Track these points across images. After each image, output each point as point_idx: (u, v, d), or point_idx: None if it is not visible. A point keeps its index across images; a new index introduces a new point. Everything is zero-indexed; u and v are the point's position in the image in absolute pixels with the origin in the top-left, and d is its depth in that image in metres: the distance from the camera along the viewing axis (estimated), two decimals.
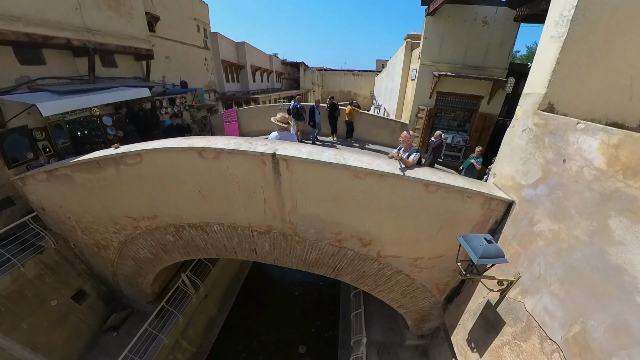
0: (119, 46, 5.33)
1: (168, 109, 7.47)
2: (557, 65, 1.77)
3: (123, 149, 2.37)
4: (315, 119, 5.31)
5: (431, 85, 5.41)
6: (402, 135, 2.30)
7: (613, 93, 1.83)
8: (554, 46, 1.78)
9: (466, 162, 4.25)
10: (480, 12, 4.99)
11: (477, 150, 4.16)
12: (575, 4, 1.62)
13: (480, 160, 4.08)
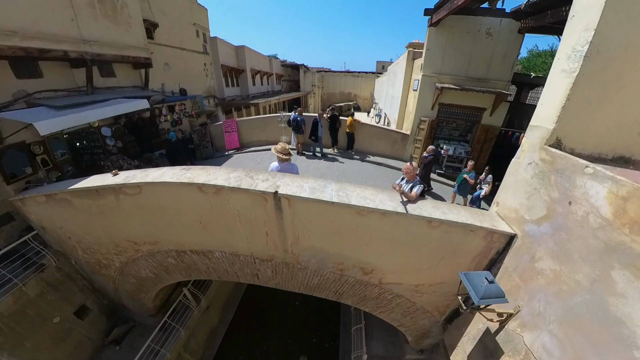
0: (117, 56, 5.25)
1: (167, 116, 7.42)
2: (567, 101, 1.74)
3: (122, 177, 2.34)
4: (318, 133, 5.24)
5: (433, 97, 5.36)
6: (405, 167, 2.27)
7: (622, 128, 1.81)
8: (565, 81, 1.74)
9: (459, 177, 4.18)
10: (484, 23, 4.90)
11: (470, 165, 4.11)
12: (590, 40, 1.58)
13: (473, 175, 4.03)
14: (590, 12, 1.60)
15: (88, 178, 2.62)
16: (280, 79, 19.13)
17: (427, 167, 4.46)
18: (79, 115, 3.77)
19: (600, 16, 1.53)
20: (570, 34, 1.76)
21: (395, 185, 2.21)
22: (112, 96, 5.13)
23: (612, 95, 1.70)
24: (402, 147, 6.04)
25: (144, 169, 2.42)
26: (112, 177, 2.43)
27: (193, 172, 2.11)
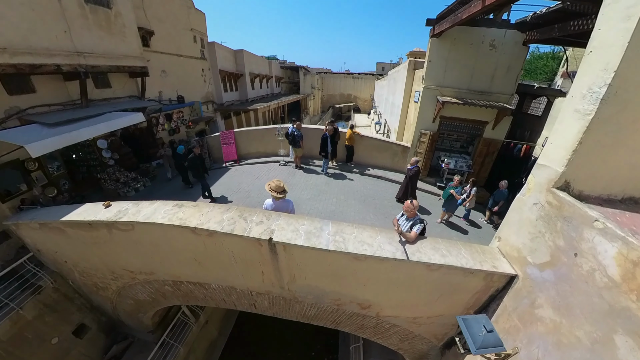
0: (112, 66, 5.15)
1: (165, 125, 7.32)
2: (579, 145, 1.64)
3: (114, 211, 2.29)
4: (327, 148, 5.07)
5: (435, 110, 5.25)
6: (405, 205, 2.20)
7: (634, 170, 1.72)
8: (578, 123, 1.64)
9: (445, 192, 4.14)
10: (488, 35, 4.76)
11: (456, 180, 4.07)
12: (609, 82, 1.47)
13: (460, 190, 4.02)
14: (611, 50, 1.47)
15: (81, 207, 2.56)
16: (280, 81, 18.89)
17: (413, 179, 4.41)
18: (71, 134, 3.69)
19: (622, 57, 1.40)
20: (586, 71, 1.64)
21: (395, 222, 2.14)
22: (107, 109, 5.04)
23: (627, 139, 1.61)
24: (402, 159, 5.94)
25: (136, 202, 2.35)
26: (104, 209, 2.37)
27: (186, 211, 2.05)
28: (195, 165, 4.32)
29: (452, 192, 3.98)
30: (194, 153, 4.40)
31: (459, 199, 3.98)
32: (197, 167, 4.34)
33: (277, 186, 2.25)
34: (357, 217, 3.94)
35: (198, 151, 4.48)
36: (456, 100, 4.82)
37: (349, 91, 29.05)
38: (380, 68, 34.15)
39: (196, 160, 4.33)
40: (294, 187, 4.71)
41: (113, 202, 2.45)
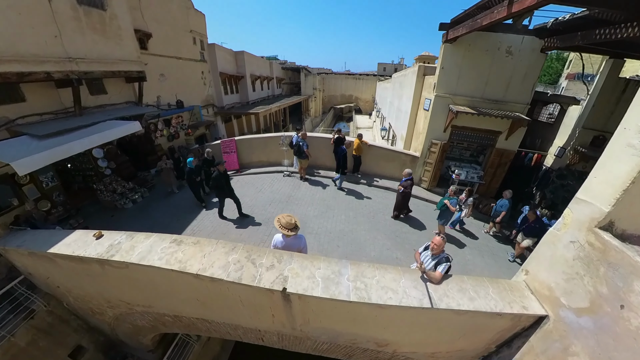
0: (107, 72, 4.88)
1: (164, 131, 7.07)
2: (631, 184, 1.46)
3: (105, 244, 2.07)
4: (347, 164, 4.78)
5: (446, 119, 5.03)
6: (434, 241, 1.98)
7: None
8: (632, 160, 1.45)
9: (439, 203, 3.86)
10: (504, 41, 4.52)
11: (450, 190, 3.82)
12: None
13: (455, 201, 3.74)
14: None
15: (71, 235, 2.34)
16: (281, 82, 18.56)
17: (406, 195, 4.21)
18: (62, 148, 3.45)
19: None
20: None
21: (417, 258, 1.94)
22: (102, 117, 4.79)
23: None
24: (411, 169, 5.74)
25: (130, 234, 2.13)
26: (95, 240, 2.15)
27: (185, 250, 1.83)
28: (220, 185, 3.64)
29: (447, 202, 3.70)
30: (218, 170, 3.62)
31: (453, 211, 3.70)
32: (222, 187, 3.68)
33: (288, 223, 1.95)
34: (367, 237, 3.74)
35: (223, 168, 3.71)
36: (470, 110, 4.59)
37: (350, 92, 28.69)
38: (382, 69, 33.79)
39: (221, 180, 3.61)
40: (299, 202, 4.49)
41: (105, 232, 2.23)
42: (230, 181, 5.47)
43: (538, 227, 3.59)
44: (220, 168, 3.75)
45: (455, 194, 3.81)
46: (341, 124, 27.46)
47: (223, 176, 3.75)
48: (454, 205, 3.68)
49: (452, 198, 3.75)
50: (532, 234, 3.67)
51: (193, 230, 3.86)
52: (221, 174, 3.72)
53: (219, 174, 3.69)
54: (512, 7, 2.74)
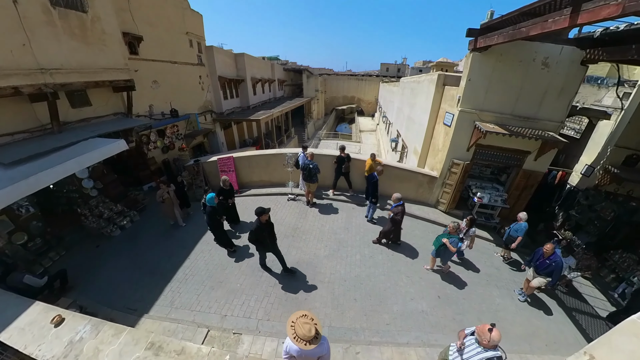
0: (89, 82, 4.30)
1: (157, 142, 6.51)
2: None
3: (64, 338, 1.54)
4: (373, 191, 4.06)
5: (471, 137, 4.49)
6: (492, 335, 1.46)
7: None
8: None
9: (437, 241, 3.24)
10: (540, 51, 3.98)
11: (450, 227, 3.16)
12: None
13: (456, 240, 3.11)
14: None
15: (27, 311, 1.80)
16: (283, 84, 17.97)
17: (397, 220, 3.70)
18: (27, 182, 2.88)
19: None
20: None
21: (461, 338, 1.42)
22: (84, 134, 4.22)
23: None
24: (427, 190, 5.21)
25: (97, 324, 1.60)
26: (53, 328, 1.62)
27: None
28: (262, 239, 2.82)
29: (445, 241, 3.12)
30: (260, 221, 2.77)
31: (453, 251, 3.12)
32: (264, 241, 2.87)
33: (307, 335, 1.34)
34: (388, 283, 3.20)
35: (266, 218, 2.83)
36: (501, 130, 4.04)
37: (352, 93, 28.07)
38: (385, 69, 33.12)
39: (263, 232, 2.78)
40: (307, 236, 3.92)
41: (67, 315, 1.70)
42: None
43: (554, 265, 3.00)
44: (263, 218, 2.83)
45: (456, 231, 3.19)
46: (343, 126, 26.90)
47: (265, 227, 2.85)
48: (454, 245, 3.09)
49: (452, 236, 3.14)
50: (546, 271, 3.07)
51: (185, 274, 3.34)
52: (263, 226, 2.81)
53: (260, 225, 2.78)
54: (579, 17, 2.18)
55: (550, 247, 3.07)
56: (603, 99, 7.08)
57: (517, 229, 3.74)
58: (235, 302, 2.85)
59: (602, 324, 3.24)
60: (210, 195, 3.48)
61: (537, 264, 3.16)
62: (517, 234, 3.71)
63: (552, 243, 3.14)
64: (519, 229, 3.72)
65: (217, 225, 3.57)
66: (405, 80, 9.64)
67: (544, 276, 3.12)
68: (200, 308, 2.81)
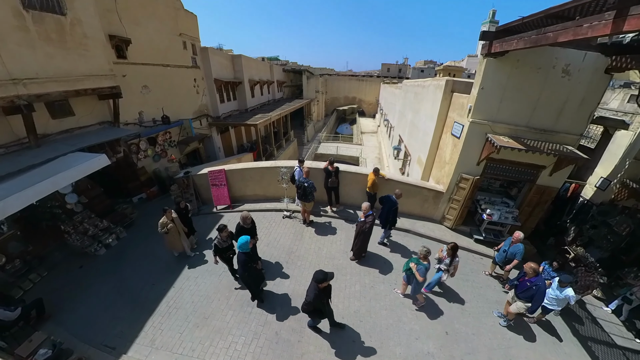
0: (68, 92, 3.99)
1: (148, 151, 6.21)
2: None
3: None
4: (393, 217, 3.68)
5: (483, 151, 4.14)
6: None
7: None
8: None
9: (406, 265, 2.92)
10: (561, 57, 3.60)
11: (420, 253, 2.78)
12: None
13: (423, 270, 2.74)
14: None
15: None
16: (282, 85, 17.57)
17: (367, 233, 3.36)
18: None
19: None
20: None
21: None
22: (65, 147, 3.93)
23: None
24: (432, 205, 4.87)
25: None
26: None
27: None
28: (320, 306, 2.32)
29: (413, 266, 2.76)
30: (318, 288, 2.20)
31: (420, 280, 2.76)
32: (322, 309, 2.37)
33: None
34: (390, 320, 2.82)
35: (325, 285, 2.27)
36: (517, 144, 3.69)
37: (353, 94, 27.63)
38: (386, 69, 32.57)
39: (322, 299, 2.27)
40: (302, 262, 3.57)
41: None
42: (219, 220, 4.38)
43: (534, 290, 2.62)
44: (323, 285, 2.24)
45: (426, 257, 2.79)
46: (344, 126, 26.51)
47: (324, 294, 2.30)
48: (422, 274, 2.73)
49: (422, 263, 2.77)
50: (525, 295, 2.69)
51: (169, 306, 3.04)
52: (321, 292, 2.25)
53: (319, 292, 2.22)
54: (625, 24, 1.80)
55: (532, 267, 2.68)
56: (610, 102, 6.65)
57: (514, 252, 3.33)
58: (221, 345, 2.56)
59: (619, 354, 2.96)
60: (243, 239, 2.62)
61: (517, 284, 2.80)
62: (513, 257, 3.32)
63: (536, 264, 2.75)
64: (517, 252, 3.31)
65: (256, 276, 2.81)
66: (409, 83, 9.24)
67: (523, 301, 2.75)
68: (182, 350, 2.54)
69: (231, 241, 3.04)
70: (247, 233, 2.92)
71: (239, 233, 2.97)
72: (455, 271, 2.98)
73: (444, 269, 2.98)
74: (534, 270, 2.69)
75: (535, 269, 2.69)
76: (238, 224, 3.12)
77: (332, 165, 4.25)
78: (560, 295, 2.87)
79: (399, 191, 3.92)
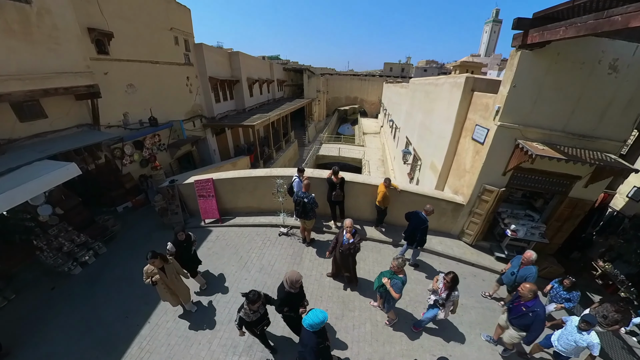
0: (35, 91, 3.47)
1: (134, 155, 5.71)
2: None
3: None
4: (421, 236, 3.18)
5: (511, 159, 3.60)
6: None
7: None
8: None
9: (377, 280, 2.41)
10: (609, 51, 3.03)
11: (394, 264, 2.29)
12: None
13: (399, 284, 2.23)
14: None
15: None
16: (282, 84, 17.03)
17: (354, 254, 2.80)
18: None
19: None
20: None
21: None
22: (33, 154, 3.43)
23: None
24: (451, 219, 4.33)
25: None
26: None
27: None
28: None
29: (385, 281, 2.24)
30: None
31: (396, 297, 2.26)
32: None
33: None
34: None
35: None
36: (556, 154, 3.12)
37: (355, 94, 27.02)
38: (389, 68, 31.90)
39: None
40: None
41: None
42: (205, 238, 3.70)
43: (531, 316, 2.11)
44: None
45: (401, 269, 2.25)
46: (346, 126, 25.95)
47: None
48: (397, 290, 2.21)
49: (395, 277, 2.25)
50: (520, 322, 2.18)
51: (141, 348, 2.55)
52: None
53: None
54: None
55: (529, 287, 2.11)
56: None
57: (525, 276, 2.67)
58: None
59: None
60: (316, 317, 1.76)
61: (512, 307, 2.23)
62: (521, 280, 2.66)
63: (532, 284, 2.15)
64: (529, 276, 2.64)
65: None
66: (417, 82, 8.66)
67: (517, 328, 2.21)
68: None
69: (265, 309, 2.13)
70: (295, 298, 2.07)
71: (285, 300, 2.06)
72: (455, 307, 2.37)
73: (440, 305, 2.34)
74: (530, 292, 2.09)
75: (532, 290, 2.09)
76: (282, 288, 2.07)
77: (337, 176, 3.67)
78: (580, 341, 2.09)
79: (430, 207, 3.31)
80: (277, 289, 2.14)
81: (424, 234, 3.27)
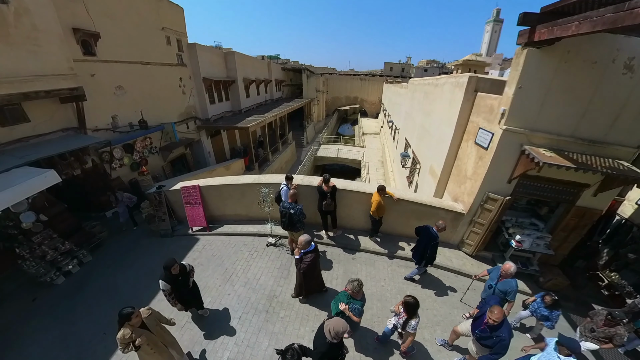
0: (13, 95, 3.34)
1: (124, 159, 5.57)
2: None
3: None
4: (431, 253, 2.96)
5: (516, 166, 3.36)
6: None
7: None
8: None
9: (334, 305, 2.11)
10: (624, 49, 2.77)
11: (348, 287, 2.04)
12: None
13: (359, 308, 2.00)
14: None
15: None
16: (281, 84, 16.84)
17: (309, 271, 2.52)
18: None
19: None
20: None
21: None
22: (12, 160, 3.29)
23: None
24: (449, 228, 4.10)
25: None
26: None
27: None
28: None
29: (344, 308, 1.99)
30: None
31: (357, 320, 2.03)
32: None
33: None
34: None
35: None
36: (566, 162, 2.88)
37: (355, 94, 26.72)
38: (389, 68, 31.51)
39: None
40: (288, 313, 2.69)
41: None
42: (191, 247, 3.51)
43: (495, 340, 1.89)
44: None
45: (359, 292, 1.99)
46: (346, 126, 25.69)
47: None
48: (357, 315, 2.00)
49: (353, 301, 2.02)
50: (485, 342, 1.94)
51: None
52: None
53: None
54: None
55: (497, 315, 1.85)
56: None
57: (504, 290, 2.39)
58: None
59: None
60: None
61: (479, 328, 2.00)
62: (503, 294, 2.39)
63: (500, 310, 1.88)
64: (510, 291, 2.38)
65: None
66: (416, 82, 8.39)
67: (482, 347, 1.99)
68: None
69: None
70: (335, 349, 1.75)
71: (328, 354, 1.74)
72: (407, 343, 2.06)
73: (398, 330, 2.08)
74: (497, 315, 1.84)
75: (499, 316, 1.84)
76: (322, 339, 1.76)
77: (328, 185, 3.40)
78: None
79: (442, 223, 3.03)
80: (313, 338, 1.81)
81: (434, 251, 3.03)
